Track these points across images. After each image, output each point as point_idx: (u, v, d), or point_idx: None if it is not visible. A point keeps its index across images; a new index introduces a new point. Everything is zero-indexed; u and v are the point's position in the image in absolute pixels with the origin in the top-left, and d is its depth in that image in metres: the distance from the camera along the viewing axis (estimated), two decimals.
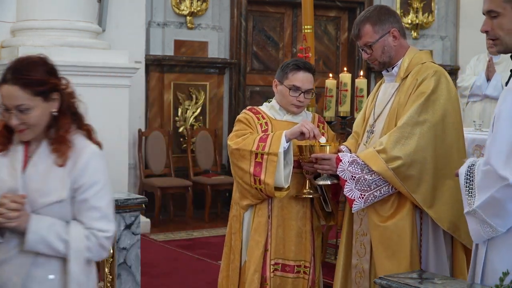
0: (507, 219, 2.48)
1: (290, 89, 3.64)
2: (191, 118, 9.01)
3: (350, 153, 3.41)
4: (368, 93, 3.79)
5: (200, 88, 9.09)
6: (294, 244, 3.67)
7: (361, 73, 5.78)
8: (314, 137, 3.47)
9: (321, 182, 3.44)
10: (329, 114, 5.31)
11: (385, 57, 3.35)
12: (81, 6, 7.69)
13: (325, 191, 3.62)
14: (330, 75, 5.50)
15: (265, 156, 3.48)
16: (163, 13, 8.96)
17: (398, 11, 10.10)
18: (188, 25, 9.04)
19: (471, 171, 2.60)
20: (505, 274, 2.26)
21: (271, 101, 5.97)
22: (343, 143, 3.68)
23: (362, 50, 3.38)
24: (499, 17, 2.52)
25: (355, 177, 3.19)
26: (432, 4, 10.15)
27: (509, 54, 2.61)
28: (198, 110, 9.05)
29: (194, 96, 9.05)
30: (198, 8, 9.06)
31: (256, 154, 3.51)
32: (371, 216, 3.25)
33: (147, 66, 8.80)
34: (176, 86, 8.99)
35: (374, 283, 3.15)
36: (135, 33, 8.60)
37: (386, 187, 3.18)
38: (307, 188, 3.60)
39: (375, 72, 10.04)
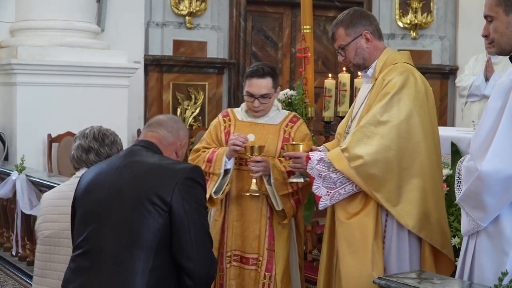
0: (485, 213, 2.54)
1: (245, 96, 3.86)
2: (190, 118, 9.02)
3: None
4: None
5: (199, 88, 9.09)
6: (251, 238, 3.85)
7: (360, 73, 5.78)
8: (246, 141, 3.74)
9: (294, 180, 3.52)
10: (328, 114, 5.31)
11: (359, 59, 3.40)
12: (80, 6, 7.69)
13: (276, 190, 3.74)
14: (329, 75, 5.50)
15: (210, 175, 3.80)
16: (162, 13, 8.96)
17: (397, 11, 10.12)
18: (187, 25, 9.04)
19: (459, 166, 2.70)
20: (504, 274, 2.27)
21: None
22: (324, 144, 3.76)
23: (338, 52, 3.45)
24: (493, 21, 2.63)
25: (321, 175, 3.23)
26: (431, 4, 10.16)
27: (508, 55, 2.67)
28: (197, 110, 9.05)
29: (193, 96, 9.06)
30: (197, 8, 9.06)
31: (205, 173, 3.80)
32: (337, 213, 3.29)
33: (146, 66, 8.81)
34: (175, 86, 9.00)
35: (339, 279, 3.24)
36: (134, 33, 8.61)
37: (350, 185, 3.22)
38: (252, 186, 3.74)
39: None
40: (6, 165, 6.64)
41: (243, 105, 3.98)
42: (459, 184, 2.69)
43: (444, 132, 4.72)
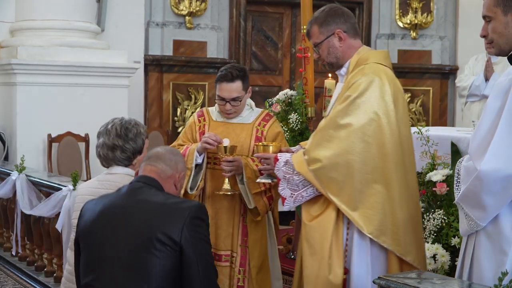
0: (484, 213, 2.54)
1: (217, 99, 3.95)
2: (190, 118, 9.01)
3: None
4: None
5: (199, 88, 9.09)
6: (223, 236, 3.93)
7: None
8: (220, 142, 3.80)
9: (263, 180, 3.56)
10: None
11: (331, 57, 3.33)
12: (80, 6, 7.70)
13: (248, 189, 3.80)
14: (329, 75, 5.50)
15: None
16: (162, 13, 8.96)
17: (397, 11, 10.12)
18: (187, 25, 9.04)
19: (458, 166, 2.70)
20: (504, 274, 2.27)
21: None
22: (301, 142, 3.76)
23: (314, 50, 3.42)
24: (492, 21, 2.63)
25: (286, 177, 3.24)
26: (431, 4, 10.16)
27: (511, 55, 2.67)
28: (197, 110, 9.05)
29: (193, 96, 9.06)
30: (197, 8, 9.07)
31: None
32: (302, 215, 3.28)
33: (146, 66, 8.81)
34: (175, 86, 9.00)
35: (302, 280, 3.21)
36: (134, 33, 8.61)
37: (312, 188, 3.19)
38: (225, 185, 3.81)
39: None
40: (6, 165, 6.65)
41: (215, 105, 4.07)
42: (458, 184, 2.70)
43: (444, 132, 4.73)
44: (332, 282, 3.11)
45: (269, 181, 3.50)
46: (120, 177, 3.29)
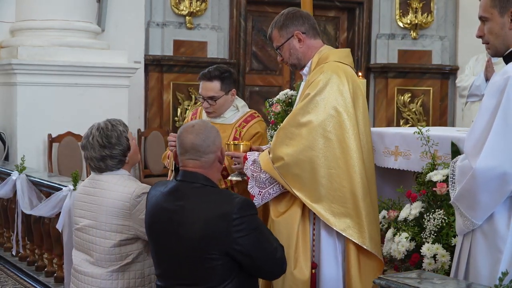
0: (480, 211, 2.56)
1: (199, 97, 4.09)
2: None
3: None
4: (367, 93, 3.83)
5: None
6: None
7: (360, 73, 5.79)
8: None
9: (234, 178, 3.63)
10: None
11: (293, 59, 3.44)
12: (80, 6, 7.70)
13: None
14: None
15: (169, 172, 4.17)
16: (163, 13, 8.97)
17: (397, 11, 10.12)
18: (187, 25, 9.05)
19: (453, 166, 2.72)
20: (505, 274, 2.27)
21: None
22: (270, 142, 3.81)
23: (277, 53, 3.54)
24: (488, 22, 2.67)
25: (254, 175, 3.34)
26: (431, 4, 10.16)
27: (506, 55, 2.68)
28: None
29: (193, 96, 9.06)
30: (197, 8, 9.07)
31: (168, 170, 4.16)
32: (270, 212, 3.37)
33: (146, 66, 8.81)
34: (175, 86, 9.00)
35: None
36: (134, 33, 8.61)
37: (278, 185, 3.29)
38: None
39: (374, 72, 10.04)
40: (6, 165, 6.64)
41: None
42: (453, 184, 2.71)
43: (445, 132, 4.72)
44: (297, 277, 3.20)
45: (240, 179, 3.59)
46: (108, 176, 3.33)
